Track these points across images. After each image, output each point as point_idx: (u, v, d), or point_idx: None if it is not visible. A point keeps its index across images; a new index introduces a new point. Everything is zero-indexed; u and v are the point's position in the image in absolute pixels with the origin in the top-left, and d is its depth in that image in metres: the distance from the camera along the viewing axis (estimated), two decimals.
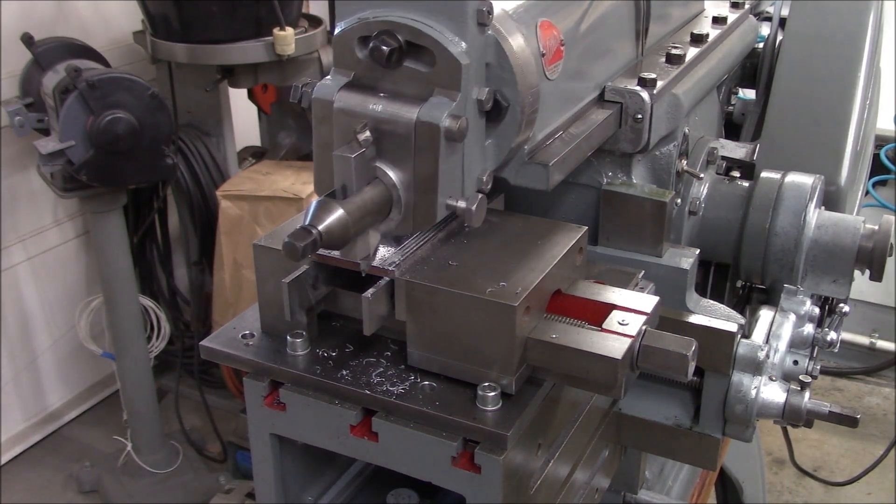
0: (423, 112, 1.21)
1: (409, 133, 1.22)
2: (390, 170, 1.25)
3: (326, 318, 1.51)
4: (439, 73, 1.21)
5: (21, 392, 4.63)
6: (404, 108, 1.22)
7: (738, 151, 2.12)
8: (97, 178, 3.41)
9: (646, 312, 1.40)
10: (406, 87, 1.24)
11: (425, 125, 1.21)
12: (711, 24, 2.12)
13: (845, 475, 4.48)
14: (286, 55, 3.69)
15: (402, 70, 1.24)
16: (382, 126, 1.23)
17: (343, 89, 1.26)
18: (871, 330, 5.17)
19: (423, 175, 1.24)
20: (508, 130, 1.32)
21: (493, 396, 1.30)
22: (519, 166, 1.43)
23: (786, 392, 1.69)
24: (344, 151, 1.20)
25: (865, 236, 1.90)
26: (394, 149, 1.24)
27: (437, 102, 1.21)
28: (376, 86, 1.26)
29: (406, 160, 1.24)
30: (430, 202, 1.25)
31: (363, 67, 1.26)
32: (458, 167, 1.26)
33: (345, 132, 1.24)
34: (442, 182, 1.24)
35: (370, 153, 1.23)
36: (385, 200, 1.25)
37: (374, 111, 1.24)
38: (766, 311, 1.85)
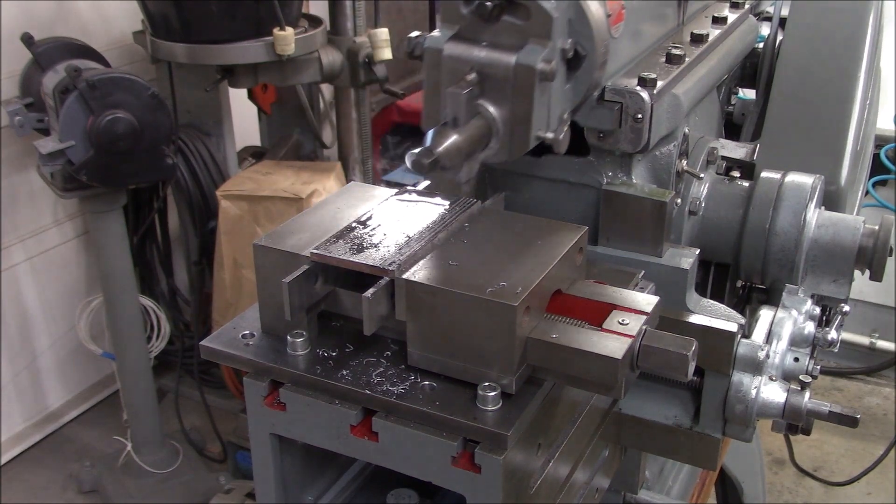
0: (521, 56, 1.41)
1: (509, 74, 1.42)
2: (492, 106, 1.44)
3: (326, 317, 1.51)
4: (532, 26, 1.41)
5: (21, 392, 4.63)
6: (504, 55, 1.42)
7: (738, 151, 2.12)
8: (97, 178, 3.41)
9: (646, 312, 1.40)
10: (504, 39, 1.43)
11: (523, 67, 1.40)
12: (711, 24, 2.12)
13: (845, 475, 4.48)
14: (286, 55, 3.69)
15: (501, 23, 1.43)
16: (485, 70, 1.43)
17: (451, 40, 1.47)
18: (871, 330, 5.17)
19: (520, 110, 1.44)
20: (585, 76, 1.54)
21: (493, 396, 1.30)
22: (589, 110, 1.66)
23: (786, 392, 1.69)
24: (455, 89, 1.40)
25: (865, 236, 1.90)
26: (495, 89, 1.43)
27: (531, 49, 1.41)
28: (478, 37, 1.45)
29: (505, 98, 1.43)
30: (524, 133, 1.45)
31: (468, 21, 1.46)
32: (547, 104, 1.47)
33: (453, 75, 1.45)
34: (535, 117, 1.44)
35: (475, 92, 1.42)
36: (487, 132, 1.44)
37: (479, 57, 1.44)
38: (766, 311, 1.85)
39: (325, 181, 3.87)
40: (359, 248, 1.43)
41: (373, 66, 3.95)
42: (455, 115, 1.40)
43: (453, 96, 1.40)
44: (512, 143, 1.46)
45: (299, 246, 1.46)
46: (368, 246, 1.43)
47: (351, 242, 1.44)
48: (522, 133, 1.45)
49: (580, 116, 1.65)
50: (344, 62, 3.99)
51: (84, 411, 4.95)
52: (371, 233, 1.48)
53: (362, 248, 1.42)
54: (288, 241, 1.48)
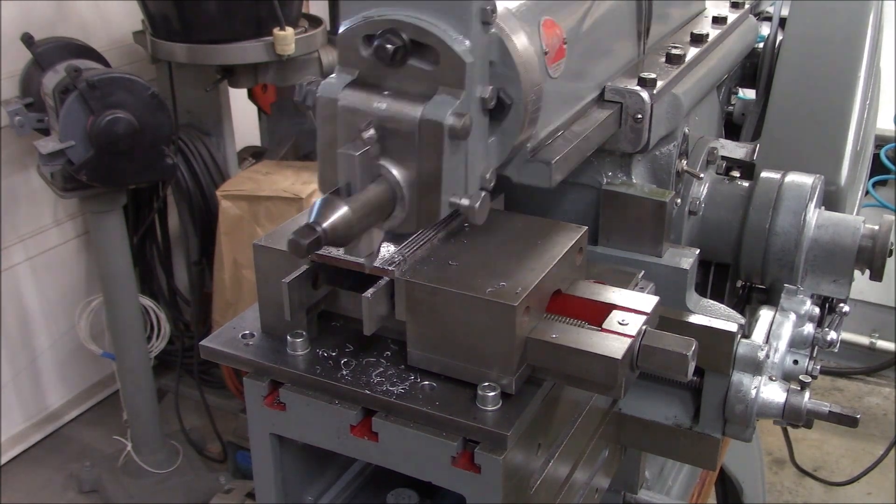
0: (427, 110, 1.22)
1: (414, 131, 1.22)
2: (394, 168, 1.25)
3: (326, 317, 1.51)
4: (443, 72, 1.22)
5: (21, 392, 4.63)
6: (408, 107, 1.23)
7: (738, 151, 2.12)
8: (97, 178, 3.41)
9: (646, 312, 1.40)
10: (410, 86, 1.24)
11: (429, 123, 1.21)
12: (711, 24, 2.12)
13: (845, 475, 4.48)
14: (286, 55, 3.69)
15: (407, 69, 1.24)
16: (387, 124, 1.24)
17: (347, 87, 1.27)
18: (871, 330, 5.16)
19: (427, 173, 1.24)
20: (512, 128, 1.33)
21: (493, 396, 1.30)
22: (521, 164, 1.44)
23: (786, 392, 1.69)
24: (348, 149, 1.21)
25: (865, 236, 1.90)
26: (398, 147, 1.24)
27: (441, 101, 1.22)
28: (381, 84, 1.26)
29: (410, 158, 1.24)
30: (433, 200, 1.26)
31: (368, 66, 1.26)
32: (462, 165, 1.27)
33: (349, 130, 1.25)
34: (446, 180, 1.25)
35: (374, 151, 1.23)
36: (389, 198, 1.25)
37: (379, 109, 1.24)
38: (766, 311, 1.85)
39: None
40: None
41: None
42: (348, 179, 1.21)
43: (345, 158, 1.20)
44: (420, 212, 1.27)
45: None
46: None
47: None
48: (432, 200, 1.26)
49: (511, 171, 1.46)
50: None
51: (84, 411, 4.95)
52: None
53: None
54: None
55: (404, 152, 1.24)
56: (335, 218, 1.16)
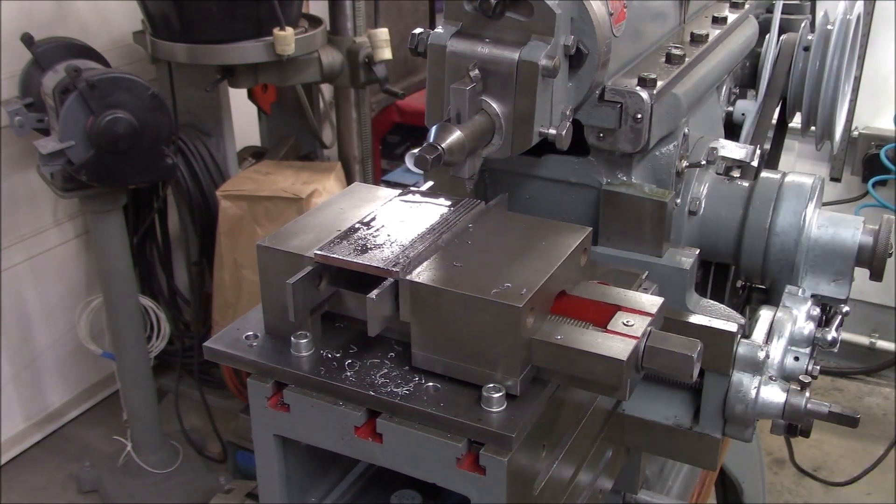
0: (524, 52, 1.44)
1: (512, 70, 1.44)
2: (495, 102, 1.47)
3: (330, 318, 1.51)
4: (536, 22, 1.44)
5: (21, 392, 4.63)
6: (507, 51, 1.45)
7: (738, 151, 2.12)
8: (97, 178, 3.41)
9: (650, 313, 1.40)
10: (507, 35, 1.46)
11: (526, 63, 1.43)
12: (711, 24, 2.12)
13: (845, 475, 4.48)
14: (286, 55, 3.68)
15: (504, 20, 1.46)
16: (488, 66, 1.46)
17: (454, 37, 1.49)
18: (871, 330, 5.16)
19: (522, 106, 1.46)
20: (587, 74, 1.57)
21: (497, 398, 1.30)
22: (590, 108, 1.67)
23: (786, 392, 1.69)
24: (459, 85, 1.42)
25: (865, 236, 1.91)
26: (498, 85, 1.46)
27: (535, 45, 1.44)
28: (481, 34, 1.48)
29: (508, 94, 1.46)
30: (526, 129, 1.48)
31: (470, 18, 1.48)
32: (549, 101, 1.50)
33: (456, 71, 1.48)
34: (537, 113, 1.46)
35: (478, 88, 1.45)
36: (490, 127, 1.47)
37: (482, 53, 1.46)
38: (766, 311, 1.85)
39: (325, 181, 3.87)
40: (363, 248, 1.43)
41: (373, 66, 3.95)
42: (458, 110, 1.43)
43: (457, 92, 1.42)
44: (515, 140, 1.49)
45: (303, 247, 1.46)
46: (372, 247, 1.43)
47: (355, 243, 1.44)
48: (525, 129, 1.48)
49: (582, 115, 1.67)
50: (344, 62, 3.99)
51: (84, 411, 4.94)
52: (375, 234, 1.48)
53: (366, 249, 1.43)
54: (291, 242, 1.48)
55: (503, 89, 1.46)
56: (452, 139, 1.37)
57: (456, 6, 1.50)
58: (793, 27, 2.49)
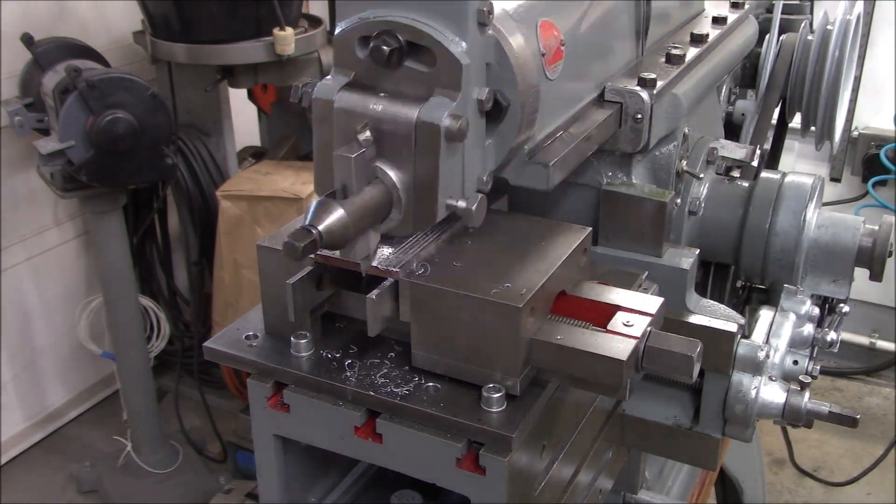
0: (423, 112, 1.22)
1: (410, 133, 1.22)
2: (391, 170, 1.25)
3: (330, 319, 1.51)
4: (440, 73, 1.22)
5: (21, 392, 4.63)
6: (405, 108, 1.23)
7: (738, 151, 2.12)
8: (97, 178, 3.41)
9: (650, 314, 1.40)
10: (406, 87, 1.24)
11: (426, 125, 1.21)
12: (711, 24, 2.12)
13: (845, 475, 4.48)
14: (286, 55, 3.69)
15: (403, 70, 1.24)
16: (383, 126, 1.24)
17: (343, 89, 1.27)
18: (871, 330, 5.16)
19: (424, 175, 1.24)
20: (509, 130, 1.33)
21: (497, 398, 1.30)
22: (520, 166, 1.44)
23: (786, 392, 1.69)
24: (344, 151, 1.20)
25: (865, 236, 1.91)
26: (394, 149, 1.24)
27: (437, 102, 1.22)
28: (377, 86, 1.26)
29: (406, 160, 1.24)
30: (430, 202, 1.26)
31: (364, 67, 1.26)
32: (459, 167, 1.27)
33: (345, 132, 1.25)
34: (442, 182, 1.25)
35: (370, 153, 1.23)
36: (385, 200, 1.25)
37: (375, 111, 1.24)
38: (766, 311, 1.85)
39: None
40: None
41: None
42: (344, 182, 1.20)
43: (341, 161, 1.19)
44: (416, 214, 1.28)
45: None
46: None
47: None
48: (428, 202, 1.26)
49: (509, 174, 1.45)
50: None
51: (84, 411, 4.94)
52: None
53: None
54: None
55: (400, 154, 1.24)
56: (330, 221, 1.16)
57: (346, 52, 1.27)
58: (793, 27, 2.49)
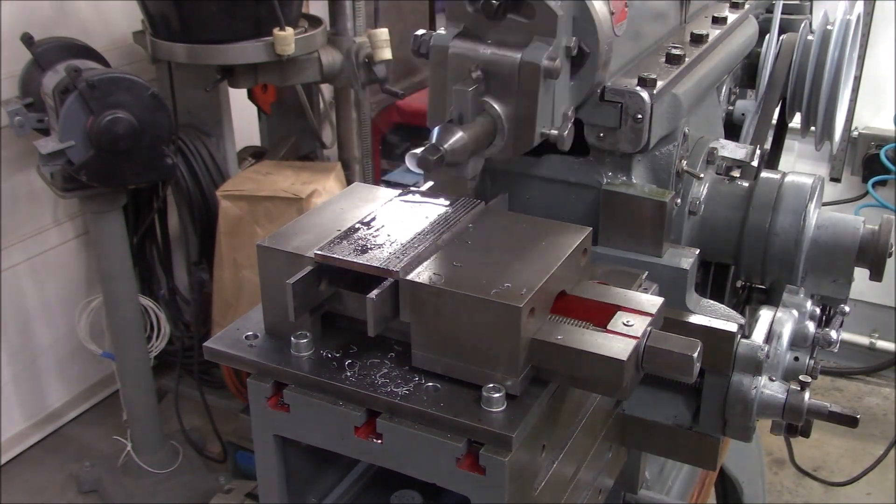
0: (526, 54, 1.45)
1: (514, 72, 1.45)
2: (497, 103, 1.48)
3: (330, 318, 1.51)
4: (538, 24, 1.45)
5: (21, 392, 4.63)
6: (509, 52, 1.46)
7: (738, 151, 2.12)
8: (97, 178, 3.41)
9: (650, 314, 1.40)
10: (509, 36, 1.47)
11: (528, 64, 1.45)
12: (711, 24, 2.12)
13: (845, 475, 4.48)
14: (286, 55, 3.69)
15: (506, 22, 1.47)
16: (490, 67, 1.47)
17: (456, 38, 1.51)
18: (871, 330, 5.17)
19: (524, 107, 1.47)
20: (588, 74, 1.58)
21: (497, 398, 1.30)
22: (592, 107, 1.66)
23: (786, 392, 1.69)
24: (461, 86, 1.43)
25: (865, 236, 1.91)
26: (500, 86, 1.47)
27: (536, 47, 1.45)
28: (484, 35, 1.49)
29: (510, 95, 1.47)
30: (528, 130, 1.49)
31: (472, 19, 1.49)
32: (551, 102, 1.51)
33: (458, 73, 1.49)
34: (539, 114, 1.48)
35: (480, 89, 1.46)
36: (492, 128, 1.48)
37: (484, 55, 1.47)
38: (766, 311, 1.85)
39: (325, 181, 3.87)
40: (363, 249, 1.43)
41: (373, 66, 3.95)
42: (461, 111, 1.43)
43: (459, 93, 1.43)
44: (517, 141, 1.50)
45: (303, 247, 1.46)
46: (372, 247, 1.43)
47: (355, 243, 1.44)
48: (527, 130, 1.49)
49: (583, 114, 1.67)
50: (344, 62, 3.99)
51: (84, 411, 4.95)
52: (375, 234, 1.48)
53: (366, 249, 1.43)
54: (292, 242, 1.48)
55: (505, 90, 1.47)
56: (454, 140, 1.38)
57: (458, 7, 1.51)
58: (793, 27, 2.49)
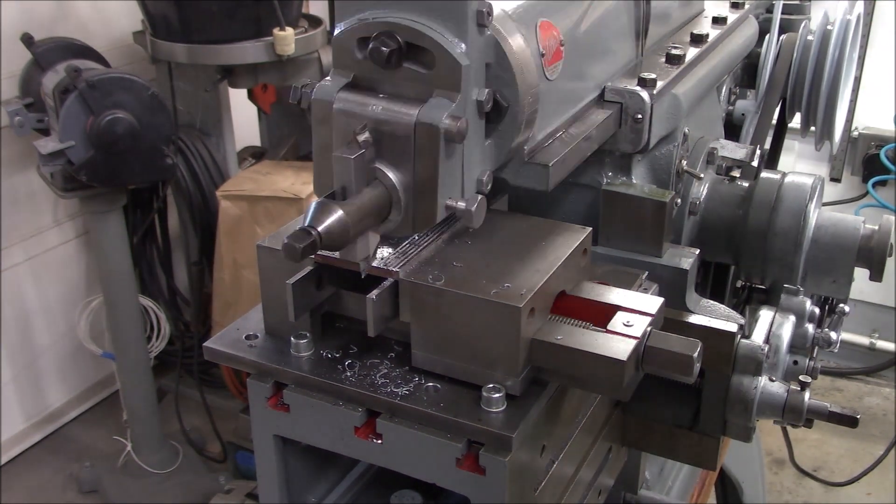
0: (422, 113, 1.22)
1: (409, 134, 1.22)
2: (390, 171, 1.25)
3: (330, 319, 1.51)
4: (439, 75, 1.22)
5: (21, 392, 4.63)
6: (404, 109, 1.23)
7: (738, 151, 2.12)
8: (97, 178, 3.41)
9: (650, 314, 1.40)
10: (406, 89, 1.24)
11: (425, 126, 1.21)
12: (711, 24, 2.12)
13: (845, 475, 4.48)
14: (286, 55, 3.69)
15: (402, 71, 1.24)
16: (382, 127, 1.24)
17: (343, 90, 1.27)
18: (871, 330, 5.17)
19: (423, 176, 1.24)
20: (508, 131, 1.33)
21: (497, 398, 1.30)
22: (519, 167, 1.44)
23: (786, 392, 1.69)
24: (343, 153, 1.20)
25: (865, 236, 1.91)
26: (393, 150, 1.24)
27: (436, 103, 1.22)
28: (376, 87, 1.26)
29: (406, 161, 1.24)
30: (430, 203, 1.26)
31: (363, 68, 1.26)
32: (458, 168, 1.27)
33: (344, 133, 1.25)
34: (442, 183, 1.25)
35: (370, 154, 1.23)
36: (385, 202, 1.25)
37: (374, 112, 1.24)
38: (766, 311, 1.85)
39: None
40: None
41: None
42: (344, 183, 1.20)
43: (341, 162, 1.20)
44: (416, 215, 1.27)
45: None
46: None
47: None
48: (428, 203, 1.26)
49: (508, 175, 1.46)
50: None
51: (84, 411, 4.95)
52: None
53: None
54: None
55: (400, 155, 1.24)
56: (330, 221, 1.15)
57: (346, 54, 1.27)
58: (793, 27, 2.49)
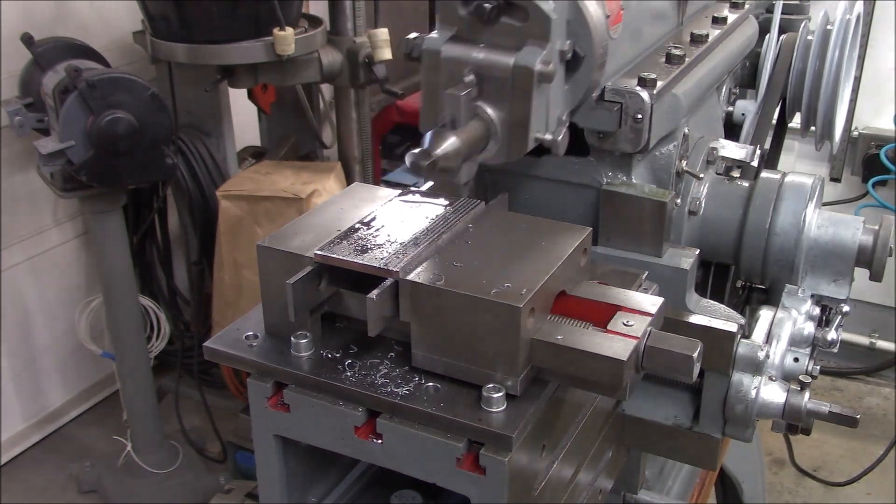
0: (519, 58, 1.43)
1: (507, 76, 1.44)
2: (490, 108, 1.47)
3: (330, 318, 1.51)
4: (531, 27, 1.44)
5: (21, 392, 4.63)
6: (503, 56, 1.45)
7: (738, 151, 2.12)
8: (97, 178, 3.40)
9: (650, 313, 1.40)
10: (502, 40, 1.46)
11: (521, 68, 1.43)
12: (711, 24, 2.12)
13: (845, 475, 4.48)
14: (286, 55, 3.68)
15: (499, 25, 1.46)
16: (484, 71, 1.46)
17: (449, 41, 1.50)
18: (871, 330, 5.16)
19: (518, 112, 1.46)
20: (583, 77, 1.57)
21: (497, 398, 1.30)
22: (588, 111, 1.66)
23: (786, 392, 1.69)
24: (454, 90, 1.41)
25: (865, 236, 1.91)
26: (493, 90, 1.46)
27: (530, 51, 1.44)
28: (476, 38, 1.48)
29: (503, 100, 1.46)
30: (522, 135, 1.48)
31: (465, 23, 1.49)
32: (545, 106, 1.50)
33: (451, 77, 1.48)
34: (533, 118, 1.46)
35: (473, 93, 1.44)
36: (485, 133, 1.47)
37: (477, 58, 1.47)
38: (766, 311, 1.85)
39: (325, 181, 3.87)
40: (363, 249, 1.43)
41: (373, 66, 3.94)
42: (453, 116, 1.41)
43: (451, 98, 1.41)
44: (510, 145, 1.49)
45: (303, 247, 1.46)
46: (372, 247, 1.43)
47: (355, 243, 1.45)
48: (520, 135, 1.48)
49: (579, 117, 1.66)
50: (344, 62, 3.99)
51: (84, 411, 4.94)
52: (375, 234, 1.48)
53: (366, 249, 1.43)
54: (292, 242, 1.48)
55: (499, 95, 1.46)
56: (446, 145, 1.36)
57: (450, 10, 1.50)
58: (793, 27, 2.49)
